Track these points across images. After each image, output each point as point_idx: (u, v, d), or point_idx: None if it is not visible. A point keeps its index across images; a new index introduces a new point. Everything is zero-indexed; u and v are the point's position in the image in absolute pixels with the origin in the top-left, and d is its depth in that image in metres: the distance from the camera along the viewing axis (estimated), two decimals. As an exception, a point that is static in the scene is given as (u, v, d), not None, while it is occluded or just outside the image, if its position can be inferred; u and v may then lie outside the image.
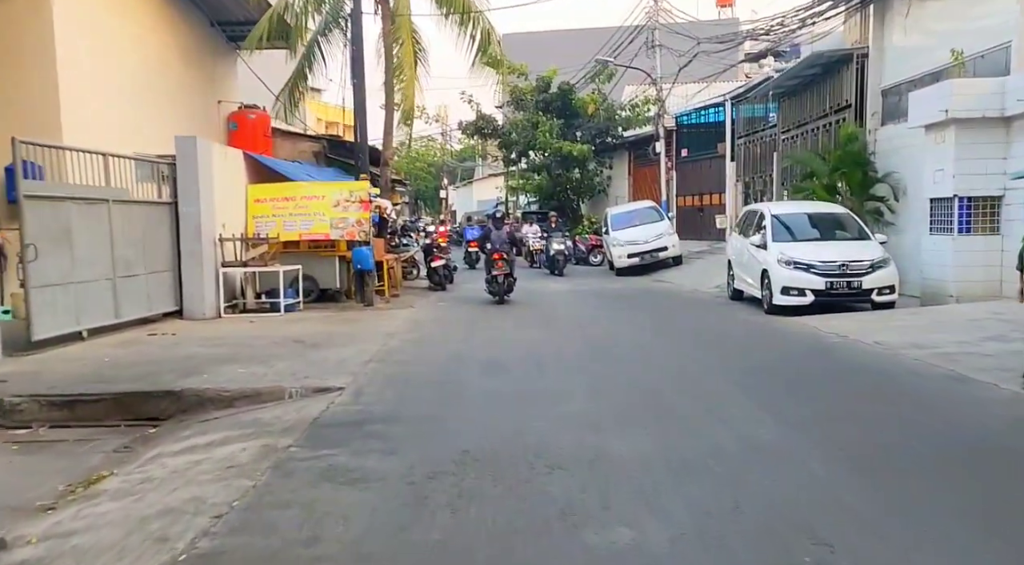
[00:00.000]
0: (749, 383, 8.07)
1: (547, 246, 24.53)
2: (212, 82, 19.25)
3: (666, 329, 12.40)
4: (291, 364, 9.25)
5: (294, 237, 15.48)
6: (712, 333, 11.88)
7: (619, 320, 13.53)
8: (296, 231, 15.44)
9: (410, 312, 15.00)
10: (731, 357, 9.75)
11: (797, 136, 21.60)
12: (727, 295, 16.39)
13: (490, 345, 10.81)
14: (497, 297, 16.12)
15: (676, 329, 12.39)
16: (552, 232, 25.38)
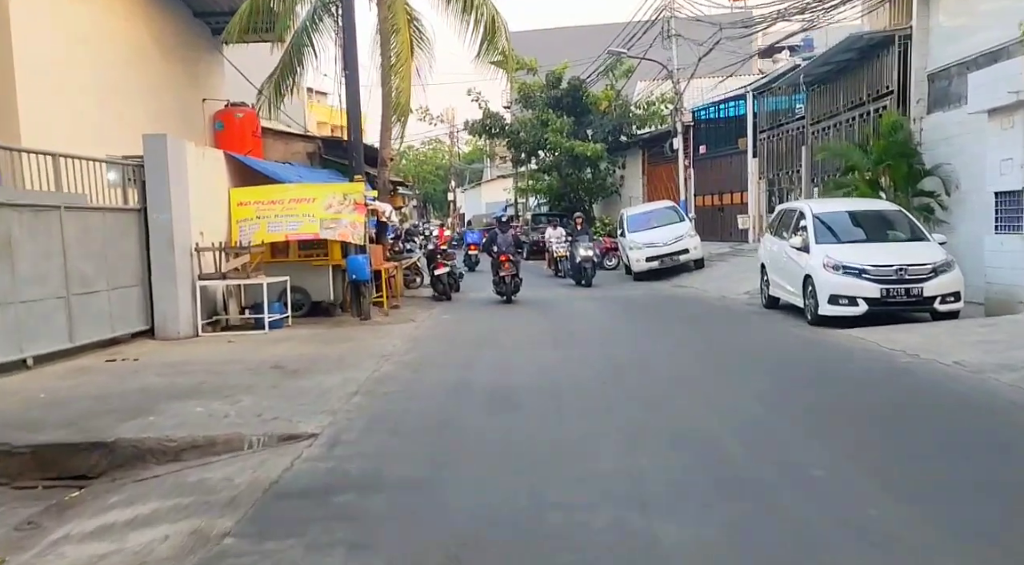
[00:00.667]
0: (827, 428, 6.50)
1: (572, 252, 20.96)
2: (195, 78, 17.80)
3: (702, 347, 10.82)
4: (261, 399, 7.74)
5: (279, 238, 13.98)
6: (757, 352, 10.28)
7: (645, 334, 11.97)
8: (282, 232, 13.94)
9: (410, 327, 13.48)
10: (791, 387, 8.17)
11: (828, 128, 19.98)
12: (761, 303, 14.80)
13: (498, 370, 9.27)
14: (504, 297, 17.35)
15: (714, 347, 10.81)
16: (578, 236, 21.18)
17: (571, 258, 20.90)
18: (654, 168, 33.84)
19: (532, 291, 19.49)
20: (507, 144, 35.97)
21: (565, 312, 15.51)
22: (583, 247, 20.19)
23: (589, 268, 20.05)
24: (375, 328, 13.42)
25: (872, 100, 17.39)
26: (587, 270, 20.03)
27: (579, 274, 20.26)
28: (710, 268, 22.21)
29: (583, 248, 20.17)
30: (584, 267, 19.98)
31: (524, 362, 9.69)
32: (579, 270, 20.16)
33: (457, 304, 17.60)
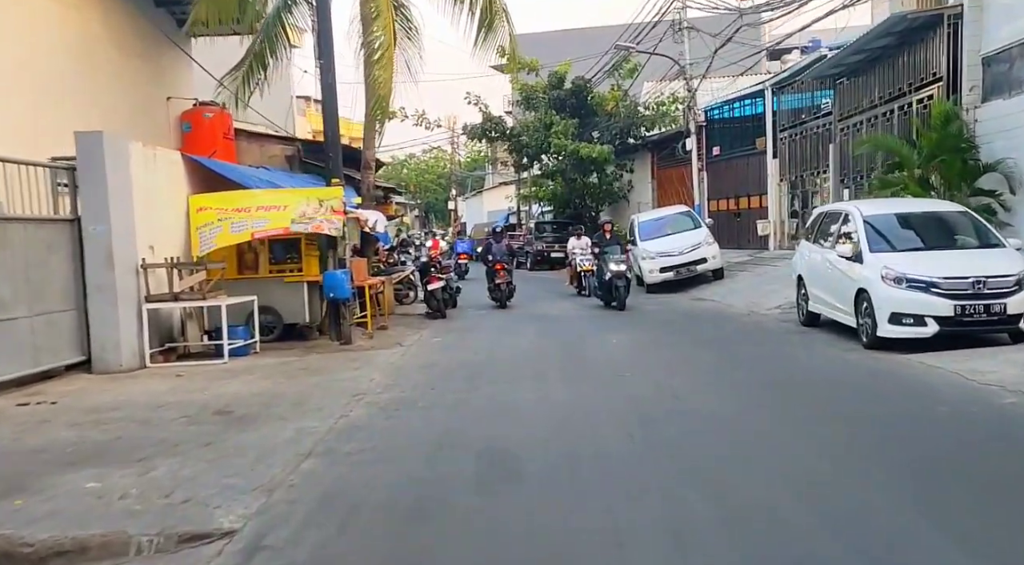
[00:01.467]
0: (947, 511, 4.62)
1: (600, 267, 16.96)
2: (158, 75, 15.99)
3: (742, 378, 8.93)
4: (183, 465, 5.90)
5: (245, 238, 12.12)
6: (815, 386, 8.38)
7: (669, 362, 10.09)
8: (247, 231, 12.10)
9: (396, 353, 11.63)
10: (876, 442, 6.26)
11: (860, 124, 18.15)
12: (798, 319, 12.94)
13: (494, 416, 7.40)
14: (499, 303, 18.30)
15: (757, 378, 8.91)
16: (607, 247, 17.11)
17: (599, 274, 17.06)
18: (664, 171, 32.03)
19: (543, 307, 17.67)
20: (508, 148, 34.17)
21: (572, 332, 13.66)
22: (614, 261, 16.29)
23: (622, 287, 16.04)
24: (354, 355, 11.56)
25: (914, 90, 15.57)
26: (620, 289, 16.02)
27: (609, 293, 16.50)
28: (731, 279, 20.34)
29: (614, 262, 16.24)
30: (616, 285, 16.07)
31: (526, 404, 7.81)
32: (609, 288, 16.39)
33: (453, 322, 15.75)
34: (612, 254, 16.44)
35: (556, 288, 23.58)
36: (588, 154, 29.24)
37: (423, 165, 77.92)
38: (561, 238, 33.06)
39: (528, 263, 33.74)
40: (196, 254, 12.05)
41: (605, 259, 16.51)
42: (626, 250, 16.62)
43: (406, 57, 15.53)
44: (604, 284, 16.60)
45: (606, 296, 16.69)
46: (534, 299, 19.86)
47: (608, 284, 16.32)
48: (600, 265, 16.99)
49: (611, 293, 16.29)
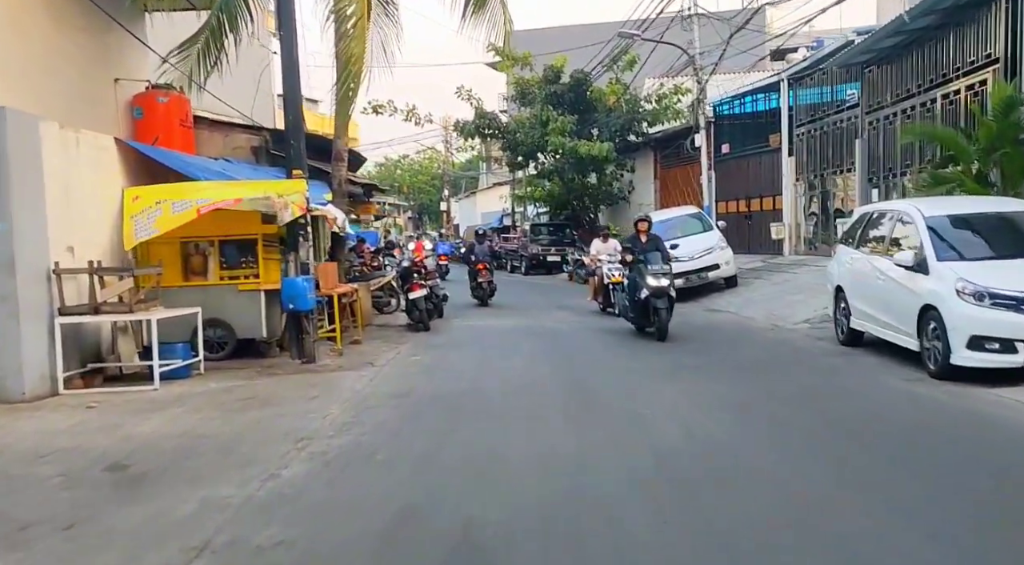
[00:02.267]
0: None
1: (635, 281, 12.43)
2: (105, 53, 13.99)
3: (793, 423, 7.01)
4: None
5: (190, 217, 10.14)
6: (890, 438, 6.45)
7: (697, 397, 8.17)
8: (192, 208, 10.16)
9: (364, 377, 9.75)
10: (995, 519, 4.42)
11: (893, 116, 16.34)
12: (836, 337, 11.10)
13: (477, 481, 5.49)
14: (481, 301, 18.83)
15: (811, 422, 7.00)
16: (643, 253, 12.50)
17: (630, 289, 12.71)
18: (668, 171, 30.20)
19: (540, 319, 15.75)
20: (502, 146, 32.29)
21: (572, 351, 11.82)
22: (652, 273, 11.93)
23: (664, 310, 11.85)
24: (315, 379, 9.69)
25: (962, 74, 13.72)
26: (660, 312, 11.85)
27: (644, 316, 12.35)
28: (745, 287, 18.48)
29: (652, 274, 11.91)
30: (656, 307, 11.87)
31: (518, 459, 5.92)
32: (645, 310, 12.19)
33: (436, 336, 13.87)
34: (651, 263, 12.09)
35: (554, 295, 21.76)
36: (587, 152, 27.39)
37: (417, 166, 76.26)
38: (557, 241, 31.26)
39: (523, 267, 31.88)
40: (129, 245, 10.17)
41: (640, 270, 12.16)
42: (668, 257, 12.43)
43: (382, 36, 13.64)
44: (637, 304, 12.30)
45: (640, 319, 12.54)
46: (530, 309, 17.98)
47: (643, 304, 12.10)
48: (633, 278, 12.48)
49: (647, 316, 12.19)
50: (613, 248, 16.47)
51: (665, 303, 11.90)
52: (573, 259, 27.03)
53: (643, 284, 11.98)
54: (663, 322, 11.84)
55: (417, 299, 14.48)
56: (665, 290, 11.91)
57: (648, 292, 11.90)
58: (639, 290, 12.13)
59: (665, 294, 11.92)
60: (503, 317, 16.46)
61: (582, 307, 18.00)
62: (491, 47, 30.34)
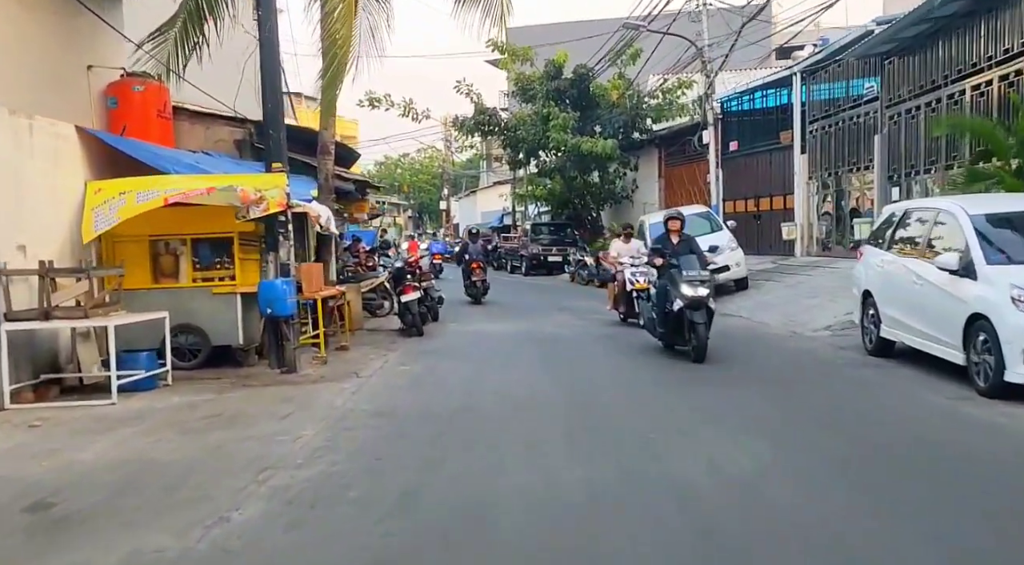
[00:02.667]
0: None
1: (666, 289, 10.28)
2: (76, 38, 13.02)
3: (832, 450, 6.07)
4: None
5: (156, 204, 9.19)
6: (950, 472, 5.51)
7: (717, 418, 7.25)
8: (159, 197, 9.21)
9: (347, 390, 8.83)
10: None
11: (916, 109, 15.42)
12: (864, 346, 10.18)
13: (465, 530, 4.57)
14: (475, 299, 18.94)
15: (852, 450, 6.05)
16: (675, 255, 10.48)
17: (659, 298, 10.52)
18: (673, 169, 29.27)
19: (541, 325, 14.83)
20: (503, 143, 31.34)
21: (572, 357, 10.89)
22: (687, 281, 9.87)
23: (702, 325, 9.71)
24: (291, 392, 8.77)
25: (995, 64, 12.79)
26: (698, 328, 9.72)
27: (676, 331, 10.28)
28: (756, 290, 17.57)
29: (687, 282, 9.86)
30: (693, 322, 9.76)
31: (515, 497, 5.00)
32: (678, 324, 10.15)
33: (430, 341, 12.96)
34: (686, 268, 9.99)
35: (555, 297, 20.86)
36: (590, 149, 26.45)
37: (417, 165, 75.46)
38: (559, 240, 30.32)
39: (523, 268, 30.94)
40: (88, 237, 9.25)
41: (673, 276, 10.07)
42: (706, 261, 10.40)
43: (371, 22, 12.70)
44: (668, 317, 10.22)
45: (671, 335, 10.44)
46: (530, 312, 17.06)
47: (676, 317, 10.06)
48: (663, 286, 10.32)
49: (680, 331, 10.16)
50: (636, 250, 14.48)
51: (703, 317, 9.71)
52: (575, 259, 26.14)
53: (676, 293, 9.86)
54: (701, 340, 9.65)
55: (410, 302, 13.57)
56: (703, 301, 9.77)
57: (682, 303, 9.77)
58: (671, 300, 10.01)
59: (703, 305, 9.76)
60: (501, 321, 15.54)
61: (584, 310, 17.11)
62: (491, 42, 29.63)
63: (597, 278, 23.45)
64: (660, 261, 10.53)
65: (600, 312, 16.38)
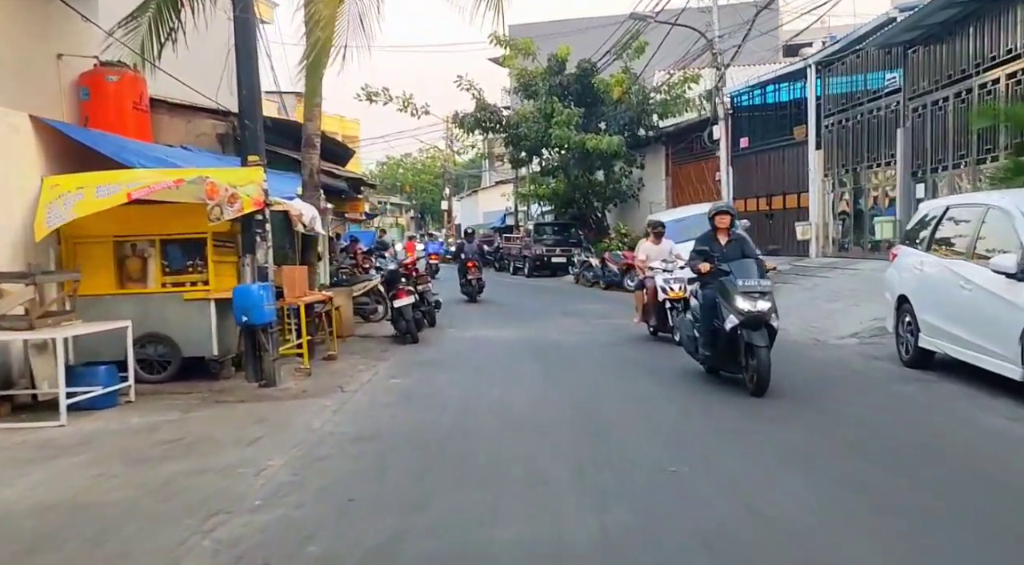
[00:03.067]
0: None
1: (712, 301, 8.17)
2: (45, 24, 12.19)
3: (885, 487, 5.14)
4: None
5: (118, 200, 8.28)
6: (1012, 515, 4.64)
7: (746, 446, 6.34)
8: (121, 192, 8.28)
9: (328, 408, 7.93)
10: None
11: (944, 101, 14.50)
12: (899, 356, 9.26)
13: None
14: (470, 297, 19.17)
15: (895, 488, 5.12)
16: (723, 259, 8.28)
17: (703, 314, 8.50)
18: (681, 167, 28.38)
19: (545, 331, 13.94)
20: (504, 141, 30.43)
21: (579, 368, 9.98)
22: (745, 292, 7.81)
23: (763, 349, 7.64)
24: (266, 410, 7.87)
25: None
26: (758, 352, 7.63)
27: (728, 355, 8.20)
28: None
29: (745, 294, 7.80)
30: (752, 344, 7.69)
31: (513, 549, 4.10)
32: (730, 347, 8.06)
33: (424, 349, 12.07)
34: (741, 276, 7.86)
35: (559, 300, 19.96)
36: (595, 146, 25.55)
37: (419, 165, 74.76)
38: (563, 241, 29.43)
39: (526, 269, 30.03)
40: (40, 235, 8.36)
41: (724, 286, 7.95)
42: (766, 267, 8.25)
43: (360, 8, 11.77)
44: (718, 336, 8.07)
45: (720, 359, 8.36)
46: (533, 316, 16.15)
47: (728, 338, 7.91)
48: (710, 297, 8.21)
49: (732, 355, 8.06)
50: (668, 251, 12.24)
51: (765, 338, 7.64)
52: (579, 260, 25.26)
53: (729, 308, 7.77)
54: (763, 367, 7.51)
55: (403, 308, 12.66)
56: (765, 317, 7.70)
57: (737, 320, 7.66)
58: (721, 316, 7.91)
59: (764, 323, 7.71)
60: (502, 326, 14.64)
61: (590, 313, 16.21)
62: (492, 36, 28.75)
63: (602, 280, 22.60)
64: (706, 267, 8.28)
65: (608, 316, 15.51)
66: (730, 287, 7.90)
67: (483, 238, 41.94)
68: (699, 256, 8.48)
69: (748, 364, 7.79)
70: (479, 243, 22.09)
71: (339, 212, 27.48)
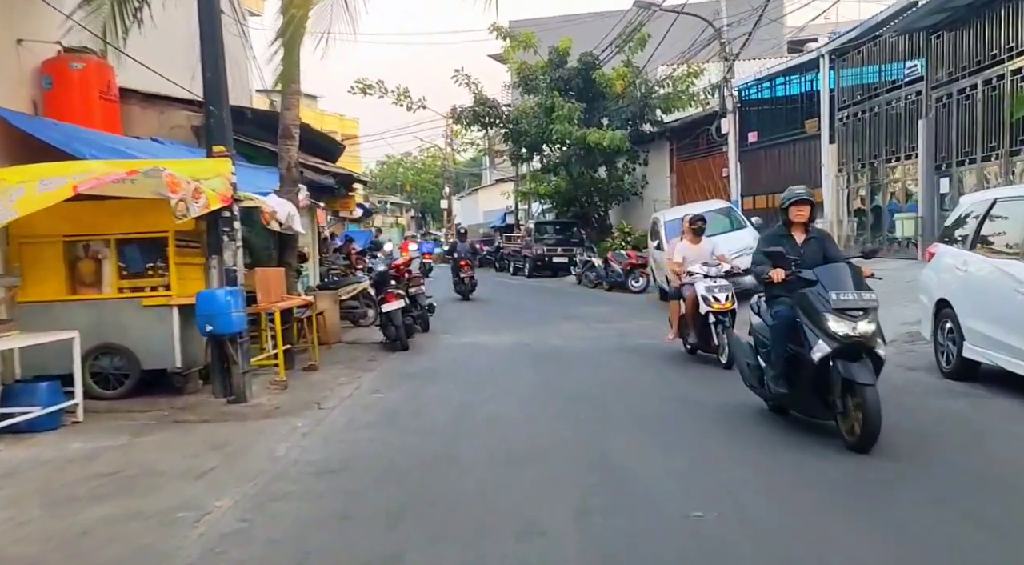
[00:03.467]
0: None
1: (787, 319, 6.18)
2: (5, 7, 11.34)
3: (955, 551, 4.25)
4: None
5: (63, 195, 7.25)
6: None
7: (769, 474, 5.43)
8: (67, 185, 7.28)
9: (299, 430, 7.00)
10: None
11: (971, 88, 13.55)
12: (938, 366, 8.32)
13: None
14: (463, 295, 19.55)
15: (977, 546, 4.25)
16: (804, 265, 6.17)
17: (778, 338, 6.32)
18: (686, 164, 27.41)
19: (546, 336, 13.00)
20: (504, 137, 29.50)
21: (583, 380, 9.04)
22: (839, 310, 5.72)
23: (870, 388, 5.51)
24: (229, 432, 6.95)
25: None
26: (863, 392, 5.51)
27: (816, 394, 6.05)
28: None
29: (838, 314, 5.72)
30: (853, 380, 5.60)
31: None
32: (818, 382, 5.95)
33: (415, 358, 11.14)
34: (832, 288, 5.81)
35: (561, 302, 19.05)
36: (597, 142, 24.57)
37: (420, 164, 74.06)
38: (564, 241, 28.52)
39: (526, 269, 29.10)
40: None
41: (809, 301, 5.92)
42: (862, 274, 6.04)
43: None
44: (794, 368, 6.20)
45: (801, 398, 6.29)
46: (533, 320, 15.22)
47: (815, 372, 5.88)
48: (783, 313, 6.26)
49: (823, 395, 5.99)
50: (710, 253, 10.28)
51: (869, 372, 5.62)
52: (582, 261, 24.35)
53: (816, 330, 5.76)
54: (870, 412, 5.45)
55: (392, 312, 11.73)
56: (869, 343, 5.74)
57: (830, 348, 5.68)
58: (807, 341, 5.86)
59: (866, 350, 5.74)
60: (500, 331, 13.71)
61: (594, 317, 15.27)
62: (493, 27, 27.84)
63: (605, 281, 21.70)
64: (780, 274, 6.12)
65: (612, 320, 14.60)
66: (817, 302, 5.80)
67: (483, 238, 41.08)
68: (767, 259, 6.28)
69: (844, 406, 5.74)
70: (472, 243, 22.72)
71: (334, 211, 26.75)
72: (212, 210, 8.03)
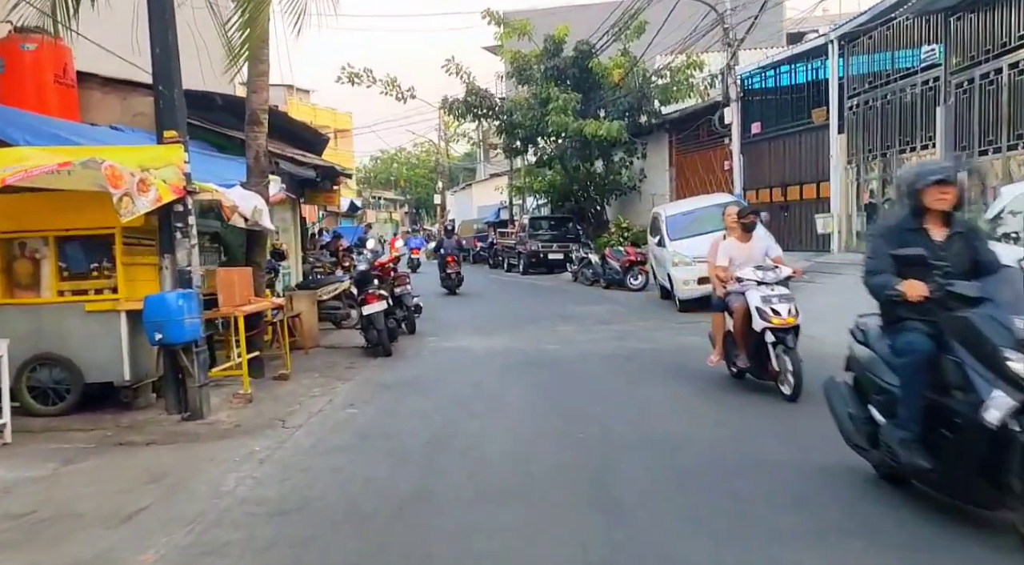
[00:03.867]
0: None
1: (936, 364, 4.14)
2: (-53, -17, 10.40)
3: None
4: None
5: None
6: None
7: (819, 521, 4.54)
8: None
9: (255, 455, 6.09)
10: None
11: (995, 72, 12.66)
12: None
13: None
14: (450, 290, 20.09)
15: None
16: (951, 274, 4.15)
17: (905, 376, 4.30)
18: (685, 156, 26.49)
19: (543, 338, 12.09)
20: (498, 129, 28.56)
21: (581, 393, 8.14)
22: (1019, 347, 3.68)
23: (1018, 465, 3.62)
24: (174, 458, 6.04)
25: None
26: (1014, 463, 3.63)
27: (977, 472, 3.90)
28: (795, 293, 14.69)
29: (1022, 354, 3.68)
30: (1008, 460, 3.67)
31: None
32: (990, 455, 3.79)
33: (398, 365, 10.23)
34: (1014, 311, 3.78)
35: (557, 301, 18.09)
36: (594, 133, 23.63)
37: (414, 159, 73.32)
38: (560, 236, 27.60)
39: (521, 266, 28.17)
40: None
41: (974, 330, 3.88)
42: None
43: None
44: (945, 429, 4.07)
45: (953, 477, 4.11)
46: (526, 321, 14.27)
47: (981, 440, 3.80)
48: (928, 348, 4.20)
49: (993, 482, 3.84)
50: (763, 254, 8.23)
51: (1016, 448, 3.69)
52: (578, 257, 23.42)
53: (988, 376, 3.81)
54: None
55: (374, 315, 10.80)
56: None
57: (1017, 402, 3.67)
58: (976, 390, 3.85)
59: None
60: (490, 333, 12.79)
61: (591, 317, 14.37)
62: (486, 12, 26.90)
63: (603, 278, 20.80)
64: (920, 289, 4.18)
65: (612, 321, 13.67)
66: (991, 331, 3.82)
67: (477, 233, 40.11)
68: (892, 264, 4.34)
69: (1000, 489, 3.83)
70: (458, 239, 23.36)
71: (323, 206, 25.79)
72: (164, 204, 7.12)
